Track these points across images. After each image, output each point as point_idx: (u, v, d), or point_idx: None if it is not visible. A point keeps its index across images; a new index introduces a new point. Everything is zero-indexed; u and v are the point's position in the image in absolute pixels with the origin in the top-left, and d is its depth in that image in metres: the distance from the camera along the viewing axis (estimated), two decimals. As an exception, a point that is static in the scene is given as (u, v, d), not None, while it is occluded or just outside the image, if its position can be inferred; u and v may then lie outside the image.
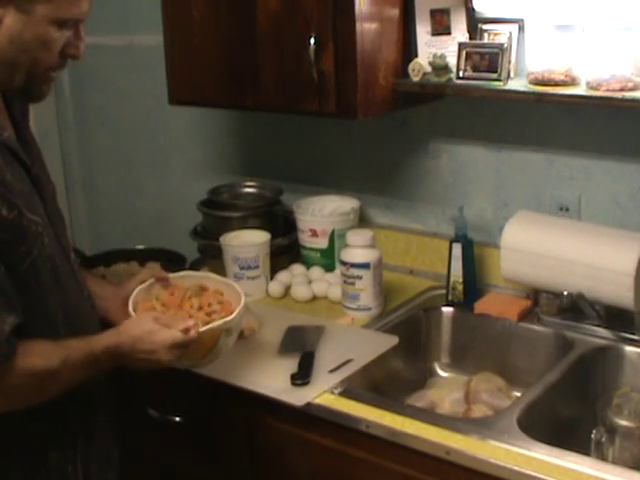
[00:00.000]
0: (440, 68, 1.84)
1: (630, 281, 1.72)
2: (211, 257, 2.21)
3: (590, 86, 1.70)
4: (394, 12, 1.86)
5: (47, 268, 1.36)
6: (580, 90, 1.72)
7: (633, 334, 1.78)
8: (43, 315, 1.37)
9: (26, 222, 1.31)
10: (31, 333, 1.33)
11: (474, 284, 2.00)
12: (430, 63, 1.85)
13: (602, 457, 1.54)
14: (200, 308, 1.59)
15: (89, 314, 1.49)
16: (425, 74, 1.86)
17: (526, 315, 1.92)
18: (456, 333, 2.00)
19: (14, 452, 1.39)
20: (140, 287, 1.61)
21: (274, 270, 2.14)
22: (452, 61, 1.84)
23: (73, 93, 2.84)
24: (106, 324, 1.55)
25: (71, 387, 1.37)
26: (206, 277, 1.71)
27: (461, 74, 1.83)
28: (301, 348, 1.77)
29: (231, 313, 1.55)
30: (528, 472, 1.38)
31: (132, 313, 1.53)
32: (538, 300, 1.91)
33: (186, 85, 2.05)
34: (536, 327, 1.89)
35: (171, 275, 1.67)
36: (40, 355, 1.32)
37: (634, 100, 1.64)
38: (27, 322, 1.32)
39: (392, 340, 1.83)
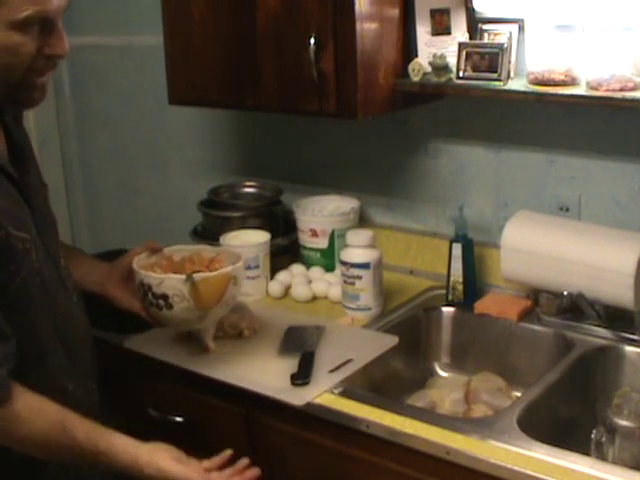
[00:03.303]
0: (440, 68, 1.84)
1: (630, 281, 1.72)
2: (211, 257, 2.21)
3: (590, 86, 1.70)
4: (394, 12, 1.86)
5: (35, 283, 1.35)
6: (580, 90, 1.72)
7: (633, 334, 1.78)
8: (33, 330, 1.35)
9: (13, 241, 1.29)
10: (22, 348, 1.32)
11: (474, 284, 2.00)
12: (430, 63, 1.85)
13: (602, 457, 1.53)
14: (199, 267, 1.70)
15: (79, 320, 1.48)
16: (425, 74, 1.86)
17: (526, 315, 1.92)
18: (456, 333, 2.00)
19: (5, 465, 1.37)
20: (137, 257, 1.69)
21: (274, 270, 2.14)
22: (452, 61, 1.84)
23: (73, 93, 2.85)
24: (101, 299, 1.63)
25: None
26: (200, 248, 1.82)
27: (461, 74, 1.83)
28: (301, 348, 1.77)
29: None
30: (528, 472, 1.37)
31: (136, 269, 1.64)
32: (538, 300, 1.91)
33: (186, 85, 2.05)
34: (536, 327, 1.89)
35: (165, 249, 1.77)
36: (41, 422, 1.30)
37: (634, 100, 1.64)
38: (18, 338, 1.30)
39: (392, 340, 1.83)
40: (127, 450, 1.36)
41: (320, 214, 2.18)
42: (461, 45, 1.83)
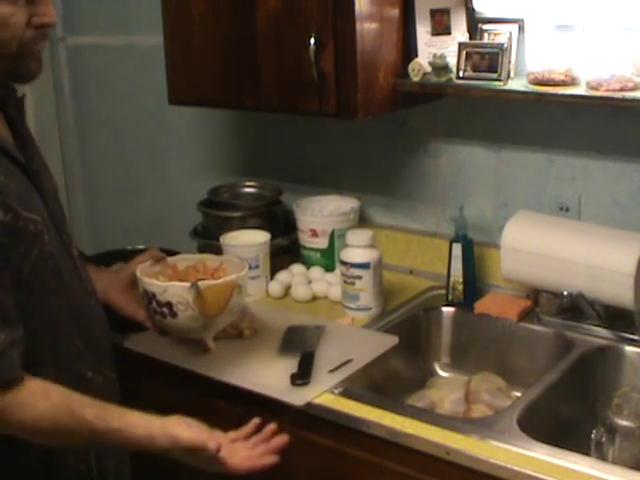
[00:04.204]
0: (440, 68, 1.84)
1: (630, 281, 1.72)
2: (211, 257, 2.21)
3: (590, 86, 1.70)
4: (394, 12, 1.86)
5: (49, 267, 1.35)
6: (580, 90, 1.72)
7: (633, 334, 1.78)
8: (47, 315, 1.35)
9: (23, 223, 1.29)
10: (37, 334, 1.32)
11: (474, 284, 2.00)
12: (430, 63, 1.85)
13: (602, 457, 1.53)
14: (204, 275, 1.70)
15: (94, 310, 1.48)
16: (425, 74, 1.86)
17: (526, 315, 1.92)
18: (456, 333, 2.00)
19: (26, 455, 1.37)
20: (141, 266, 1.69)
21: (274, 270, 2.14)
22: (452, 61, 1.84)
23: (73, 93, 2.84)
24: (105, 307, 1.61)
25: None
26: (204, 257, 1.81)
27: (461, 74, 1.83)
28: (301, 348, 1.77)
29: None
30: (528, 472, 1.38)
31: (140, 277, 1.65)
32: (538, 300, 1.91)
33: (186, 85, 2.05)
34: (536, 327, 1.89)
35: (169, 258, 1.77)
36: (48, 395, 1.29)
37: (634, 100, 1.64)
38: (32, 323, 1.31)
39: (392, 340, 1.83)
40: (140, 424, 1.35)
41: (320, 214, 2.18)
42: (461, 45, 1.83)
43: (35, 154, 1.44)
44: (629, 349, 1.77)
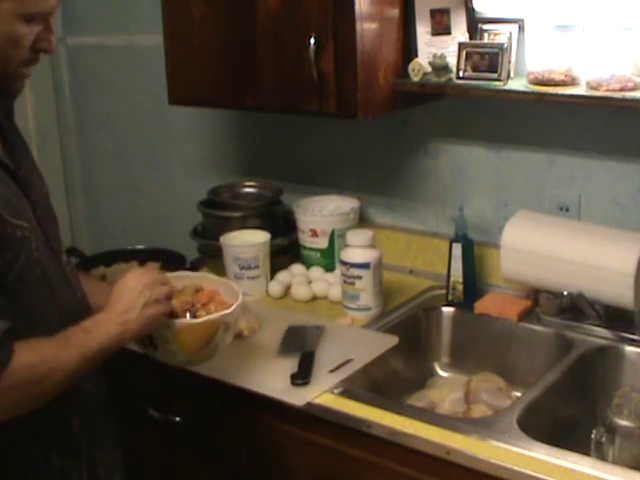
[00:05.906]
0: (440, 68, 1.84)
1: (630, 281, 1.72)
2: (211, 257, 2.21)
3: (590, 86, 1.70)
4: (394, 12, 1.86)
5: (36, 273, 1.34)
6: (580, 90, 1.72)
7: (633, 334, 1.78)
8: (37, 321, 1.35)
9: (10, 229, 1.28)
10: (21, 338, 1.30)
11: (474, 284, 2.00)
12: (430, 63, 1.85)
13: (602, 457, 1.53)
14: (193, 305, 1.58)
15: (83, 317, 1.47)
16: (425, 74, 1.86)
17: (526, 315, 1.92)
18: (456, 333, 2.00)
19: (17, 461, 1.36)
20: None
21: (274, 270, 2.14)
22: (452, 61, 1.84)
23: (73, 93, 2.85)
24: None
25: (72, 379, 1.34)
26: (202, 277, 1.72)
27: (461, 74, 1.83)
28: (301, 348, 1.77)
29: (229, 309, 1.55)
30: (528, 472, 1.38)
31: None
32: (538, 300, 1.91)
33: (186, 85, 2.05)
34: (536, 327, 1.89)
35: (168, 274, 1.66)
36: (34, 348, 1.28)
37: (634, 100, 1.64)
38: (21, 330, 1.30)
39: (392, 340, 1.83)
40: (104, 325, 1.39)
41: (320, 214, 2.18)
42: (461, 45, 1.83)
43: (24, 159, 1.43)
44: (629, 349, 1.77)
